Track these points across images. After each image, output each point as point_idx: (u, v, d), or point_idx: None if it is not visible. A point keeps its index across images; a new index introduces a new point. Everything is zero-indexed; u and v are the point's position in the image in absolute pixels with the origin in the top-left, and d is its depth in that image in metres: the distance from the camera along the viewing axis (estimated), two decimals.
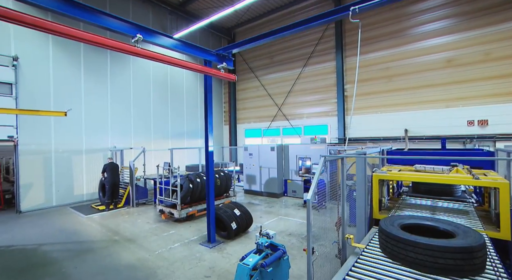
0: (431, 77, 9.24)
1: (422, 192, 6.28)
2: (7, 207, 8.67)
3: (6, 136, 8.14)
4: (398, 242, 2.45)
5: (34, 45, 8.93)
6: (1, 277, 4.39)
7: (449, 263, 2.17)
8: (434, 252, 2.23)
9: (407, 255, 2.37)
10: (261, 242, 3.62)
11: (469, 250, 2.18)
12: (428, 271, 2.27)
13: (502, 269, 2.31)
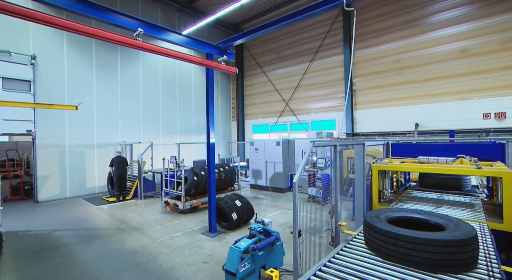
0: (444, 69, 8.93)
1: (429, 186, 6.15)
2: (26, 197, 9.33)
3: (25, 130, 8.75)
4: (380, 235, 2.30)
5: (50, 44, 9.51)
6: (19, 256, 4.81)
7: (433, 258, 2.02)
8: (416, 245, 2.07)
9: (388, 248, 2.22)
10: (253, 227, 3.74)
11: (455, 244, 2.03)
12: (410, 266, 2.11)
13: (496, 264, 2.14)
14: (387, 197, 5.32)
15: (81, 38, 10.31)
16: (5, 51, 8.62)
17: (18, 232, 6.10)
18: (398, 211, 2.95)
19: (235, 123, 16.00)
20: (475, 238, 2.12)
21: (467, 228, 2.23)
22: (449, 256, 2.00)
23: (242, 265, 3.33)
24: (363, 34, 10.62)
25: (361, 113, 10.47)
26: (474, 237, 2.11)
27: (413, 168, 4.64)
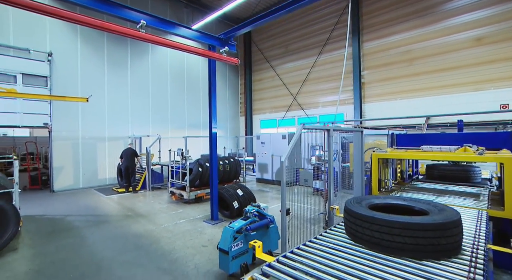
0: (457, 58, 8.66)
1: (436, 178, 6.08)
2: (43, 187, 10.03)
3: (42, 123, 9.39)
4: (356, 219, 2.21)
5: (65, 42, 10.12)
6: (35, 236, 5.27)
7: (409, 242, 1.91)
8: (391, 229, 1.97)
9: (364, 233, 2.14)
10: (248, 209, 3.90)
11: (432, 228, 1.90)
12: (385, 251, 2.01)
13: (482, 251, 2.05)
14: (389, 187, 5.32)
15: (93, 36, 10.88)
16: (25, 49, 9.28)
17: (35, 216, 6.63)
18: (383, 198, 2.83)
19: (243, 118, 16.22)
20: (457, 223, 2.00)
21: (450, 213, 2.12)
22: (426, 241, 1.89)
23: (235, 244, 3.51)
24: (372, 25, 10.47)
25: (370, 106, 10.34)
26: (455, 221, 1.98)
27: (413, 155, 4.63)
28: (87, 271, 3.93)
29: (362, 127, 10.24)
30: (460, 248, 2.03)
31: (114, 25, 4.19)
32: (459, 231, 2.01)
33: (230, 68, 16.11)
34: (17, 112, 8.95)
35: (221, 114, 15.51)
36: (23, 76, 9.16)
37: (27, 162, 11.07)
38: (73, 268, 4.02)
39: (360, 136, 4.75)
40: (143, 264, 4.14)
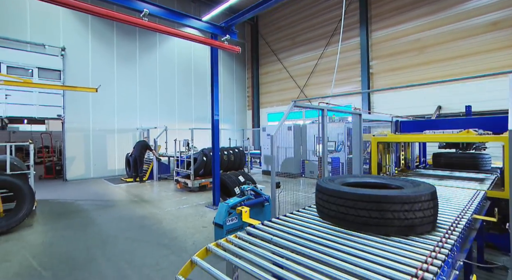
0: (471, 45, 8.45)
1: (442, 166, 6.04)
2: (57, 176, 10.71)
3: (56, 115, 10.03)
4: (323, 194, 2.14)
5: (77, 37, 10.72)
6: (48, 216, 5.77)
7: (374, 216, 1.83)
8: (356, 203, 1.90)
9: (330, 209, 2.08)
10: (244, 187, 4.11)
11: (399, 200, 1.79)
12: (352, 227, 1.94)
13: (460, 229, 1.97)
14: (390, 173, 5.36)
15: (103, 31, 11.44)
16: (40, 44, 9.93)
17: (48, 200, 7.17)
18: (361, 177, 2.72)
19: (250, 112, 16.44)
20: (429, 197, 1.89)
21: (424, 188, 2.03)
22: (392, 215, 1.81)
23: (229, 218, 3.73)
24: (380, 14, 10.37)
25: (379, 97, 10.26)
26: (426, 195, 1.87)
27: (412, 138, 4.67)
28: (93, 244, 4.29)
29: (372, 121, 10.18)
30: (434, 224, 1.94)
31: (119, 14, 4.50)
32: (431, 205, 1.89)
33: (237, 62, 16.37)
34: (33, 104, 9.61)
35: (228, 108, 15.81)
36: (39, 70, 9.81)
37: (43, 153, 11.85)
38: (81, 241, 4.40)
39: (359, 119, 4.83)
40: (144, 240, 4.46)
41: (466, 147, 6.14)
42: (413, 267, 1.45)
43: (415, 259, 1.53)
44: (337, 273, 1.41)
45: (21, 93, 9.37)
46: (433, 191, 1.95)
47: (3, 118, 9.33)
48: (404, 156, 6.09)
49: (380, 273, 1.40)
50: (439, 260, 1.52)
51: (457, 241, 1.82)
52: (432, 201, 1.92)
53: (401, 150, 5.99)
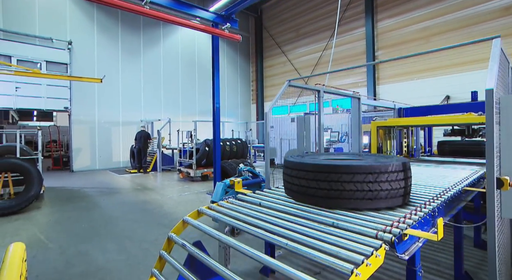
0: (482, 31, 8.33)
1: (447, 153, 6.04)
2: (64, 167, 11.16)
3: (63, 107, 10.43)
4: (286, 168, 2.07)
5: (83, 31, 11.10)
6: (55, 200, 6.10)
7: (335, 188, 1.75)
8: (316, 174, 1.80)
9: (293, 183, 2.00)
10: (241, 168, 4.27)
11: (362, 170, 1.68)
12: (313, 202, 1.88)
13: (434, 203, 1.88)
14: None
15: (109, 25, 11.78)
16: (48, 38, 10.34)
17: (56, 187, 7.54)
18: (336, 155, 2.65)
19: (254, 106, 16.59)
20: (398, 168, 1.77)
21: (396, 159, 1.94)
22: (355, 186, 1.71)
23: (226, 197, 3.88)
24: (386, 3, 10.32)
25: (384, 88, 10.23)
26: (394, 166, 1.75)
27: (411, 121, 4.72)
28: (97, 224, 4.54)
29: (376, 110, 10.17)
30: (405, 198, 1.86)
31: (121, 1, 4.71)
32: (401, 177, 1.79)
33: (241, 56, 16.52)
34: (41, 97, 10.03)
35: (232, 102, 16.00)
36: (47, 63, 10.23)
37: (50, 145, 12.35)
38: (85, 221, 4.66)
39: (358, 103, 4.91)
40: (145, 221, 4.68)
41: (472, 134, 6.11)
42: (374, 229, 1.51)
43: (373, 228, 1.55)
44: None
45: (30, 86, 9.79)
46: (403, 163, 1.82)
47: (14, 109, 9.79)
48: (407, 143, 6.12)
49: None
50: (406, 224, 1.57)
51: (436, 212, 1.81)
52: (401, 172, 1.79)
53: (403, 137, 6.02)
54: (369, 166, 1.72)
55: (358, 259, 1.33)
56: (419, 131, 6.62)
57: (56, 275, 2.89)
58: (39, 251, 3.47)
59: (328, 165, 1.80)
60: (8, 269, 1.00)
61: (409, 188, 1.92)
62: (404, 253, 1.60)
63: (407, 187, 1.87)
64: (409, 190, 1.93)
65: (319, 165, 1.83)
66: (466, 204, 2.69)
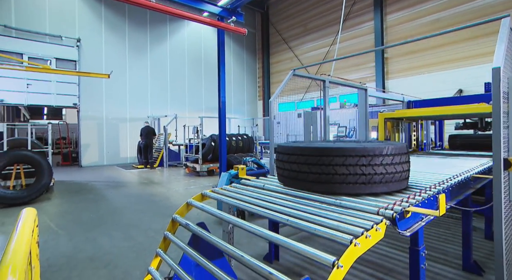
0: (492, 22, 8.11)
1: (458, 147, 5.93)
2: (73, 163, 11.49)
3: (72, 103, 10.72)
4: (278, 154, 2.03)
5: (91, 28, 11.36)
6: (64, 192, 6.31)
7: (326, 172, 1.68)
8: (308, 158, 1.75)
9: (284, 168, 1.96)
10: (246, 159, 4.32)
11: (350, 153, 1.62)
12: (305, 187, 1.82)
13: (434, 189, 1.82)
14: None
15: (116, 23, 12.02)
16: (58, 35, 10.63)
17: (65, 181, 7.78)
18: (332, 143, 2.45)
19: (261, 102, 16.62)
20: (395, 151, 1.69)
21: (391, 143, 1.87)
22: (347, 170, 1.64)
23: None
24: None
25: (394, 82, 10.09)
26: (391, 149, 1.68)
27: (418, 112, 4.66)
28: (104, 213, 4.67)
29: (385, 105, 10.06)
30: (401, 183, 1.78)
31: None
32: (397, 161, 1.71)
33: (248, 53, 16.57)
34: (51, 93, 10.33)
35: (239, 99, 16.07)
36: (56, 60, 10.52)
37: (61, 146, 12.71)
38: (93, 211, 4.80)
39: (364, 94, 4.88)
40: (151, 211, 4.79)
41: (485, 127, 5.98)
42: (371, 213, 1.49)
43: (374, 206, 1.55)
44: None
45: (40, 83, 10.10)
46: (400, 146, 1.74)
47: (25, 106, 10.12)
48: (416, 137, 6.04)
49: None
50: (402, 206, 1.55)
51: (442, 192, 1.76)
52: (398, 156, 1.71)
53: (412, 130, 5.94)
54: (363, 148, 1.63)
55: (358, 231, 1.35)
56: (430, 125, 6.51)
57: (65, 259, 3.00)
58: (50, 237, 3.60)
59: (320, 148, 1.73)
60: (20, 232, 1.07)
61: (407, 173, 1.84)
62: (406, 230, 1.61)
63: (405, 172, 1.79)
64: (407, 175, 1.86)
65: (311, 148, 1.77)
66: (476, 199, 2.65)
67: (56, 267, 2.83)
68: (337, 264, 1.19)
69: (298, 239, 3.63)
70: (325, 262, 1.24)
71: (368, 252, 3.07)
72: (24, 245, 0.92)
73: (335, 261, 1.20)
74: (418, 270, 1.79)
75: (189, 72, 14.09)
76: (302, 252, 1.35)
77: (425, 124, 6.17)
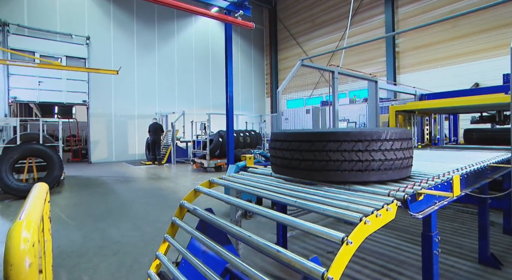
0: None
1: (474, 142, 5.78)
2: (82, 159, 11.76)
3: (81, 100, 10.98)
4: (271, 141, 1.97)
5: (100, 26, 11.59)
6: (74, 186, 6.49)
7: (320, 159, 1.59)
8: (300, 144, 1.68)
9: (276, 157, 1.89)
10: (253, 151, 4.32)
11: (345, 137, 1.53)
12: (298, 175, 1.76)
13: (438, 178, 1.74)
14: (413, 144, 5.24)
15: (125, 20, 12.23)
16: (68, 34, 10.90)
17: (75, 176, 7.99)
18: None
19: (269, 99, 16.60)
20: (395, 136, 1.58)
21: (387, 128, 1.76)
22: (341, 156, 1.54)
23: None
24: None
25: (405, 77, 9.89)
26: (390, 133, 1.56)
27: (431, 104, 4.56)
28: (113, 206, 4.77)
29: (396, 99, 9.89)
30: (403, 170, 1.68)
31: None
32: (398, 147, 1.60)
33: (256, 49, 16.57)
34: (62, 91, 10.61)
35: (246, 96, 16.09)
36: (67, 58, 10.79)
37: (71, 144, 13.07)
38: (101, 204, 4.90)
39: (374, 86, 4.81)
40: (159, 204, 4.86)
41: (504, 120, 5.79)
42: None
43: (385, 189, 1.51)
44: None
45: (51, 81, 10.38)
46: (401, 131, 1.62)
47: (37, 103, 10.43)
48: (429, 131, 5.91)
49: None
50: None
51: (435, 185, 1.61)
52: (399, 141, 1.60)
53: (425, 125, 5.82)
54: (359, 133, 1.53)
55: (368, 210, 1.33)
56: (443, 121, 6.36)
57: (76, 247, 3.08)
58: (60, 226, 3.71)
59: (313, 133, 1.66)
60: (33, 198, 1.10)
61: (410, 160, 1.73)
62: (418, 213, 1.58)
63: (407, 159, 1.67)
64: (410, 162, 1.75)
65: (304, 133, 1.69)
66: (492, 193, 2.58)
67: (67, 254, 2.91)
68: (347, 240, 1.18)
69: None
70: (334, 239, 1.23)
71: (379, 245, 3.04)
72: (38, 208, 0.95)
73: (344, 237, 1.20)
74: (431, 256, 1.75)
75: (196, 69, 14.21)
76: (310, 230, 1.34)
77: (438, 119, 6.04)
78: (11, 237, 0.70)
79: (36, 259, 0.70)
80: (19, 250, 0.67)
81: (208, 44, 14.61)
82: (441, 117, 6.06)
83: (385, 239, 3.19)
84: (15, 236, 0.69)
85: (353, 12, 11.89)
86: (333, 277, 1.15)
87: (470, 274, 2.42)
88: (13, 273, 0.65)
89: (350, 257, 1.22)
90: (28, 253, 0.68)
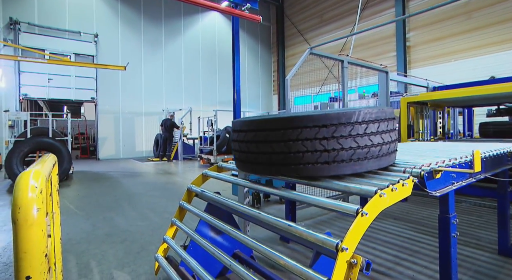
0: None
1: (491, 135, 5.61)
2: (90, 156, 11.98)
3: (90, 97, 11.16)
4: (233, 132, 1.69)
5: (108, 24, 11.76)
6: (82, 180, 6.58)
7: (280, 150, 1.30)
8: (257, 134, 1.40)
9: (235, 150, 1.65)
10: None
11: (305, 123, 1.24)
12: (258, 171, 1.50)
13: (468, 157, 1.70)
14: (424, 139, 5.13)
15: (132, 18, 12.38)
16: (77, 31, 11.10)
17: (83, 171, 8.11)
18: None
19: (276, 96, 16.54)
20: (372, 117, 1.28)
21: (357, 108, 1.37)
22: (303, 146, 1.25)
23: None
24: None
25: (417, 72, 9.68)
26: (364, 114, 1.27)
27: (443, 94, 4.44)
28: (121, 198, 4.81)
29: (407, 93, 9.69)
30: (381, 160, 1.38)
31: None
32: (374, 130, 1.30)
33: (262, 46, 16.54)
34: (71, 88, 10.81)
35: (253, 93, 16.08)
36: (75, 56, 10.99)
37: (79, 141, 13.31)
38: (110, 196, 4.96)
39: (385, 78, 4.72)
40: (166, 196, 4.89)
41: None
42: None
43: (399, 171, 1.47)
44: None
45: (60, 78, 10.59)
46: (377, 110, 1.32)
47: (46, 100, 10.65)
48: (442, 124, 5.76)
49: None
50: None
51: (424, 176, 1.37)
52: (376, 123, 1.30)
53: (438, 118, 5.68)
54: (323, 115, 1.24)
55: (383, 184, 1.29)
56: (457, 116, 6.19)
57: (84, 235, 3.12)
58: (69, 216, 3.76)
59: (268, 119, 1.36)
60: (42, 161, 1.09)
61: (393, 144, 1.45)
62: (436, 191, 1.52)
63: (387, 144, 1.39)
64: (394, 147, 1.47)
65: (258, 120, 1.41)
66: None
67: (76, 241, 2.94)
68: (362, 211, 1.14)
69: (313, 223, 3.57)
70: (349, 210, 1.20)
71: (391, 235, 2.97)
72: (46, 166, 0.94)
73: (359, 208, 1.16)
74: (448, 239, 1.69)
75: (203, 66, 14.28)
76: (324, 205, 1.31)
77: (452, 113, 5.88)
78: (20, 181, 0.69)
79: (43, 206, 0.69)
80: (27, 194, 0.66)
81: (215, 41, 14.66)
82: (454, 110, 5.91)
83: (398, 230, 3.12)
84: (24, 179, 0.69)
85: (362, 6, 11.73)
86: (348, 247, 1.11)
87: (489, 264, 2.33)
88: (21, 216, 0.64)
89: (365, 229, 1.18)
90: (36, 199, 0.67)
